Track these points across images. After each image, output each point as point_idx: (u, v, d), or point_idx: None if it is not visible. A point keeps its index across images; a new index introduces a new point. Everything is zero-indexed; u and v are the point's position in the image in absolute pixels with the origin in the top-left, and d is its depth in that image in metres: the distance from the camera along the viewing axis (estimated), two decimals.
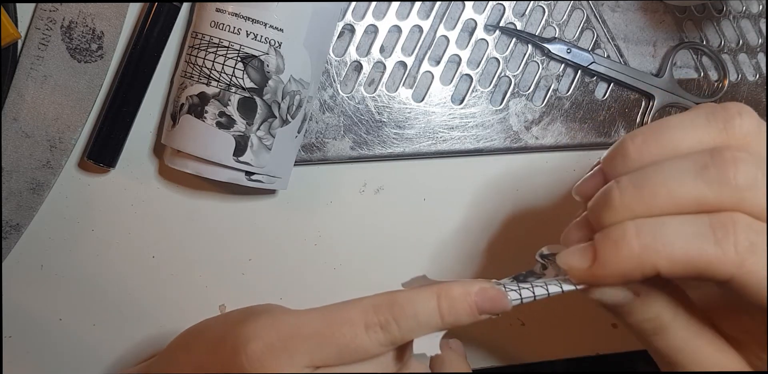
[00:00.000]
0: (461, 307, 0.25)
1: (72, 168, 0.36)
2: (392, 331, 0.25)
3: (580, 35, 0.40)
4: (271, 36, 0.32)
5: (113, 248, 0.36)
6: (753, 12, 0.43)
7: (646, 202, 0.23)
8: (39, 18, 0.34)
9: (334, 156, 0.38)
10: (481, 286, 0.26)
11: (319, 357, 0.25)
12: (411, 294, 0.26)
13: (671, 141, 0.25)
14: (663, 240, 0.23)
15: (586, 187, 0.27)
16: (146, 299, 0.37)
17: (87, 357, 0.36)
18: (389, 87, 0.38)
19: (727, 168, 0.23)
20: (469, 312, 0.25)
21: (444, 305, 0.25)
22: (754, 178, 0.23)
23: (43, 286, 0.36)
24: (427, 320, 0.25)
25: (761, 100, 0.42)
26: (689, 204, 0.23)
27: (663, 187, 0.23)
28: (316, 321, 0.26)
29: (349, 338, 0.25)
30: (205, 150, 0.32)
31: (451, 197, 0.40)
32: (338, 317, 0.25)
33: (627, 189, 0.24)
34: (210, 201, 0.37)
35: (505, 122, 0.39)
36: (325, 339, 0.25)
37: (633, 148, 0.25)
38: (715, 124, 0.25)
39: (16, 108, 0.34)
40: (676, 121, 0.25)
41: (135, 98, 0.35)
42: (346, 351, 0.25)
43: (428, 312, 0.25)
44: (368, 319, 0.25)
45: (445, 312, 0.25)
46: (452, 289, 0.25)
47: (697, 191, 0.23)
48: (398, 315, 0.25)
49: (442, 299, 0.25)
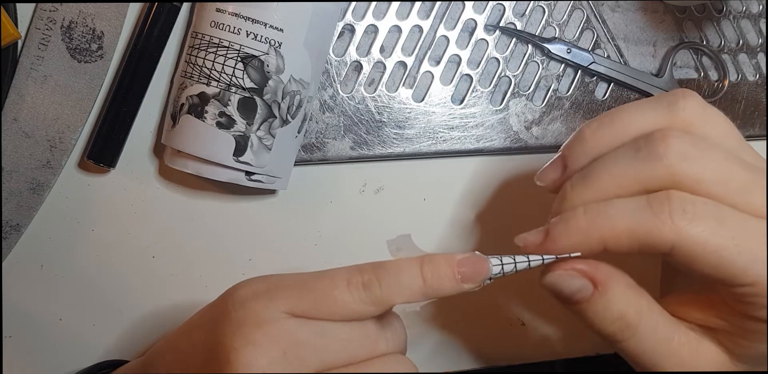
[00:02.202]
0: (444, 272, 0.26)
1: (72, 168, 0.36)
2: (374, 290, 0.26)
3: (580, 35, 0.40)
4: (271, 36, 0.32)
5: (113, 248, 0.36)
6: (753, 12, 0.43)
7: (593, 189, 0.26)
8: (39, 18, 0.34)
9: (334, 156, 0.38)
10: (463, 254, 0.27)
11: (298, 304, 0.26)
12: (396, 260, 0.27)
13: (621, 126, 0.27)
14: (606, 215, 0.25)
15: (546, 173, 0.29)
16: (146, 299, 0.37)
17: (87, 357, 0.36)
18: (389, 87, 0.38)
19: (656, 145, 0.25)
20: (452, 277, 0.26)
21: (427, 270, 0.26)
22: (684, 151, 0.25)
23: (43, 286, 0.36)
24: (409, 282, 0.26)
25: (761, 100, 0.42)
26: (630, 185, 0.26)
27: (606, 174, 0.26)
28: (303, 277, 0.27)
29: (329, 292, 0.26)
30: (205, 150, 0.32)
31: (451, 197, 0.40)
32: (323, 274, 0.27)
33: (576, 181, 0.27)
34: (210, 201, 0.37)
35: (505, 122, 0.39)
36: (306, 289, 0.26)
37: (589, 133, 0.28)
38: (659, 109, 0.27)
39: (16, 108, 0.34)
40: (628, 107, 0.28)
41: (135, 98, 0.35)
42: (325, 303, 0.26)
43: (411, 275, 0.26)
44: (351, 277, 0.26)
45: (428, 276, 0.26)
46: (436, 255, 0.27)
47: (633, 171, 0.25)
48: (381, 275, 0.26)
49: (425, 264, 0.26)
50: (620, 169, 0.26)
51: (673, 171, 0.25)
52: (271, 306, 0.26)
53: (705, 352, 0.27)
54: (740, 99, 0.42)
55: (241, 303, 0.26)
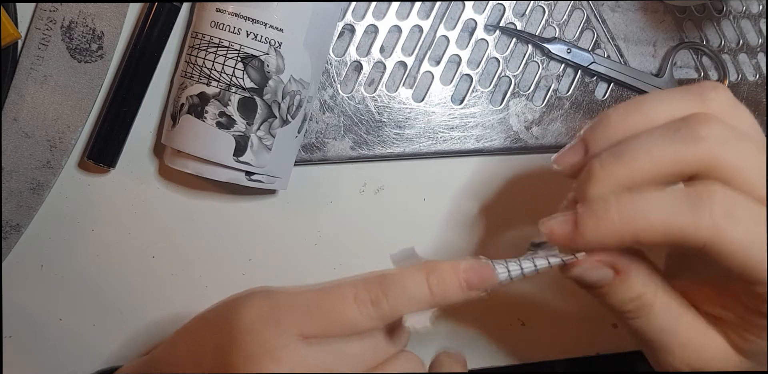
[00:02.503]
0: (450, 281, 0.26)
1: (72, 168, 0.36)
2: (381, 305, 0.25)
3: (580, 35, 0.40)
4: (271, 36, 0.32)
5: (113, 248, 0.36)
6: (753, 12, 0.43)
7: (627, 168, 0.25)
8: (39, 18, 0.34)
9: (334, 156, 0.38)
10: (468, 261, 0.26)
11: (308, 327, 0.25)
12: (401, 271, 0.26)
13: (651, 111, 0.26)
14: (642, 211, 0.24)
15: (565, 156, 0.28)
16: (146, 299, 0.37)
17: (87, 357, 0.36)
18: (389, 87, 0.38)
19: (698, 126, 0.24)
20: (458, 285, 0.26)
21: (432, 279, 0.26)
22: (726, 135, 0.24)
23: (43, 286, 0.36)
24: (416, 294, 0.26)
25: (761, 100, 0.42)
26: (667, 165, 0.24)
27: (643, 152, 0.24)
28: (309, 295, 0.26)
29: (339, 311, 0.25)
30: (205, 150, 0.32)
31: (451, 197, 0.40)
32: (330, 292, 0.26)
33: (607, 159, 0.25)
34: (210, 201, 0.37)
35: (505, 122, 0.39)
36: (315, 311, 0.25)
37: (615, 116, 0.26)
38: (690, 97, 0.26)
39: (16, 108, 0.34)
40: (656, 94, 0.27)
41: (135, 98, 0.35)
42: (335, 323, 0.25)
43: (417, 286, 0.26)
44: (358, 293, 0.26)
45: (434, 285, 0.26)
46: (440, 264, 0.26)
47: (672, 150, 0.24)
48: (387, 288, 0.26)
49: (430, 273, 0.26)
50: (659, 148, 0.24)
51: (714, 154, 0.24)
52: (281, 332, 0.25)
53: (711, 337, 0.27)
54: (740, 99, 0.42)
55: (249, 330, 0.25)
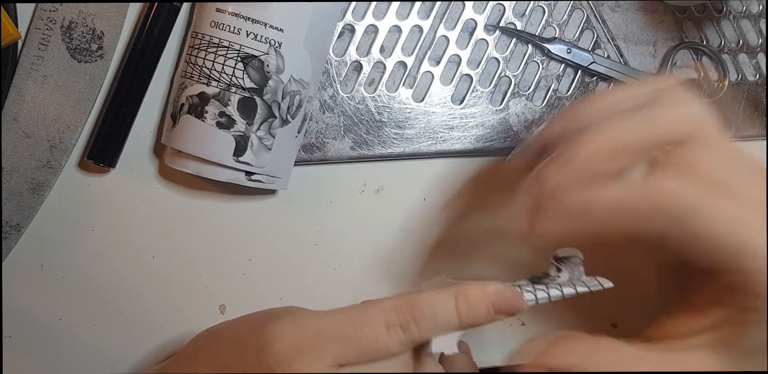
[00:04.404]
0: (479, 308, 0.26)
1: (72, 168, 0.36)
2: (412, 331, 0.26)
3: (580, 35, 0.40)
4: (271, 36, 0.32)
5: (113, 248, 0.36)
6: (753, 12, 0.43)
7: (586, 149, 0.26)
8: (39, 18, 0.34)
9: (334, 156, 0.38)
10: (497, 288, 0.27)
11: (343, 356, 0.26)
12: (430, 296, 0.27)
13: (612, 96, 0.28)
14: (600, 198, 0.25)
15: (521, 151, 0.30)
16: (146, 299, 0.37)
17: (87, 357, 0.36)
18: (389, 87, 0.38)
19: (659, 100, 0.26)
20: (486, 313, 0.27)
21: (462, 306, 0.26)
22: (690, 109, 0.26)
23: (43, 286, 0.36)
24: (445, 321, 0.26)
25: (761, 100, 0.42)
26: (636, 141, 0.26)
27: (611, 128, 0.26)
28: (339, 323, 0.27)
29: (372, 338, 0.26)
30: (205, 150, 0.32)
31: (451, 197, 0.40)
32: (361, 318, 0.26)
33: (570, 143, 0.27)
34: (210, 201, 0.37)
35: (505, 122, 0.39)
36: (349, 340, 0.26)
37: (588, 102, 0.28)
38: (647, 86, 0.28)
39: (16, 108, 0.34)
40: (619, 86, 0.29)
41: (135, 98, 0.35)
42: (369, 350, 0.26)
43: (447, 313, 0.26)
44: (389, 320, 0.26)
45: (463, 313, 0.26)
46: (470, 291, 0.27)
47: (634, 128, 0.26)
48: (418, 316, 0.26)
49: (460, 301, 0.26)
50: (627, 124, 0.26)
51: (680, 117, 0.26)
52: (320, 363, 0.25)
53: None
54: (740, 99, 0.42)
55: (286, 361, 0.26)
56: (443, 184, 0.40)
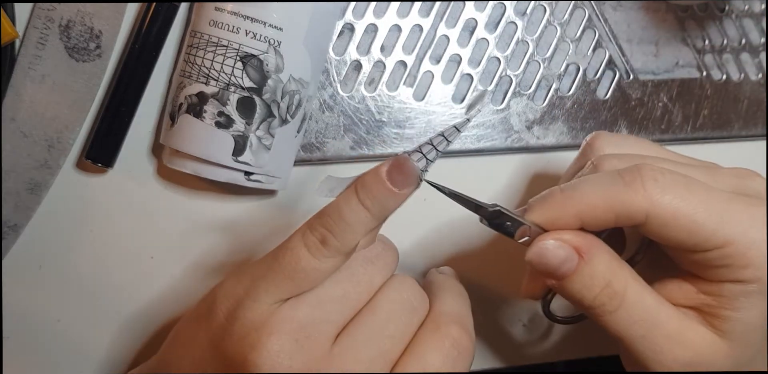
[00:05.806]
0: (378, 190, 0.26)
1: (70, 168, 0.36)
2: (331, 242, 0.26)
3: (581, 34, 0.40)
4: (270, 35, 0.32)
5: (112, 248, 0.36)
6: (755, 11, 0.43)
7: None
8: (37, 17, 0.34)
9: (334, 156, 0.37)
10: (385, 162, 0.26)
11: (279, 291, 0.26)
12: (333, 201, 0.26)
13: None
14: (581, 190, 0.27)
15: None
16: (146, 299, 0.37)
17: (87, 357, 0.36)
18: (389, 86, 0.38)
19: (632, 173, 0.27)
20: (387, 191, 0.26)
21: (363, 196, 0.26)
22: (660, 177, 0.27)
23: (41, 286, 0.36)
24: (356, 218, 0.26)
25: (763, 100, 0.42)
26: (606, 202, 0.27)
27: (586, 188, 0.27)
28: (267, 261, 0.27)
29: (295, 263, 0.26)
30: (203, 150, 0.32)
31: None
32: (282, 248, 0.26)
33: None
34: (209, 201, 0.37)
35: (506, 122, 0.39)
36: (276, 273, 0.26)
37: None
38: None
39: (14, 107, 0.34)
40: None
41: (133, 97, 0.35)
42: (299, 276, 0.26)
43: (354, 211, 0.26)
44: (306, 240, 0.26)
45: (367, 202, 0.26)
46: (364, 177, 0.26)
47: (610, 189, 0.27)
48: (329, 225, 0.26)
49: (360, 192, 0.26)
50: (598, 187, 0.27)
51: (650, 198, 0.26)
52: (258, 305, 0.26)
53: (694, 327, 0.27)
54: (742, 98, 0.42)
55: (232, 315, 0.26)
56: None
